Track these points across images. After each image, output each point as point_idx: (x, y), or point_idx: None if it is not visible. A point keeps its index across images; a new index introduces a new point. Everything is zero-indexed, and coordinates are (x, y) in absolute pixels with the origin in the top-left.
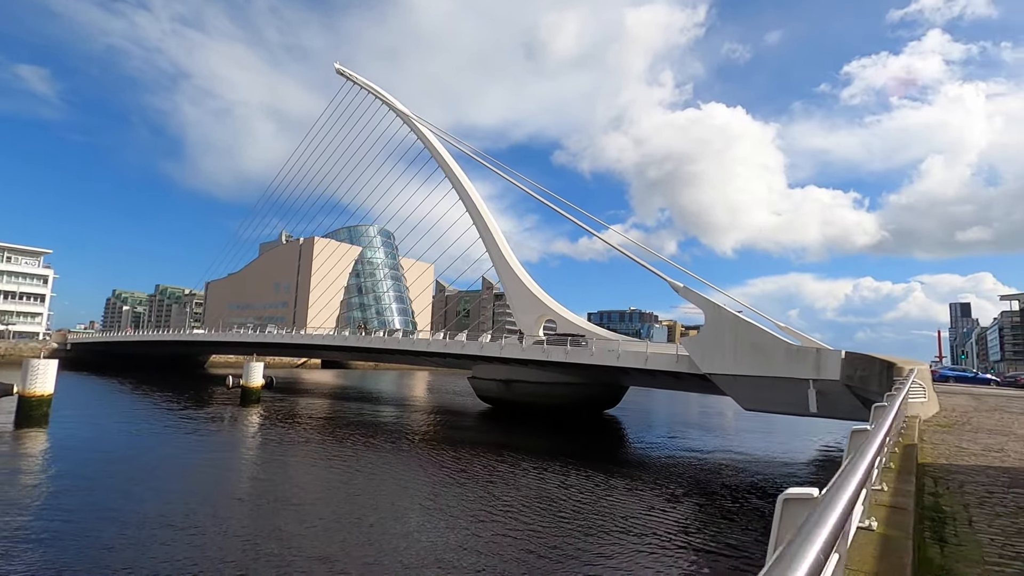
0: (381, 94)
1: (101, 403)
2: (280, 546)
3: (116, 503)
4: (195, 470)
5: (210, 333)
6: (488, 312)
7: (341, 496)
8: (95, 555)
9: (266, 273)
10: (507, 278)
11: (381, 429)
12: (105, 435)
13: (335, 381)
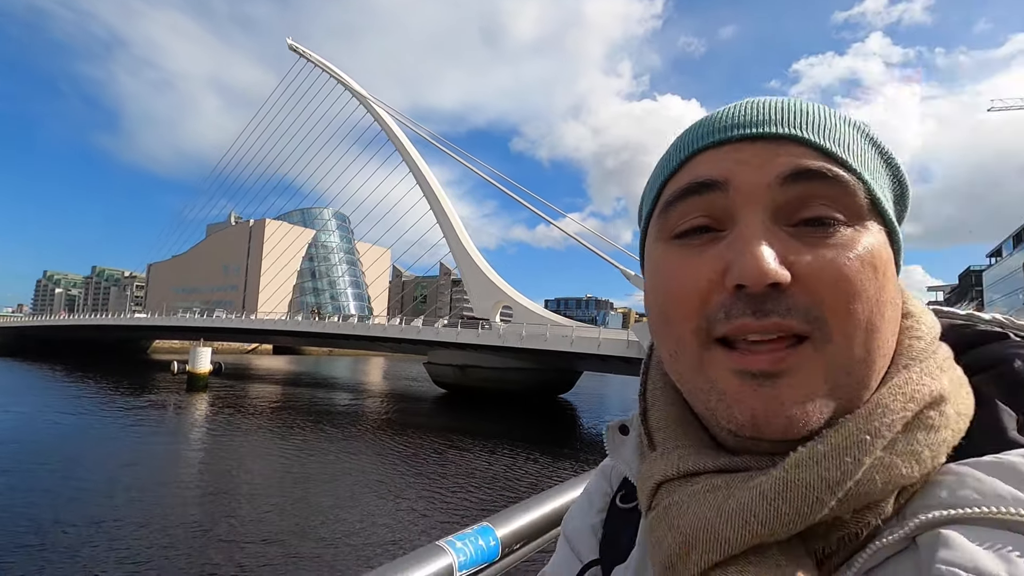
0: (336, 73)
1: (32, 390)
2: (230, 532)
3: (47, 496)
4: (136, 459)
5: (153, 317)
6: (445, 298)
7: (293, 482)
8: (24, 553)
9: (214, 255)
10: (464, 264)
11: (335, 415)
12: (34, 424)
13: (288, 367)
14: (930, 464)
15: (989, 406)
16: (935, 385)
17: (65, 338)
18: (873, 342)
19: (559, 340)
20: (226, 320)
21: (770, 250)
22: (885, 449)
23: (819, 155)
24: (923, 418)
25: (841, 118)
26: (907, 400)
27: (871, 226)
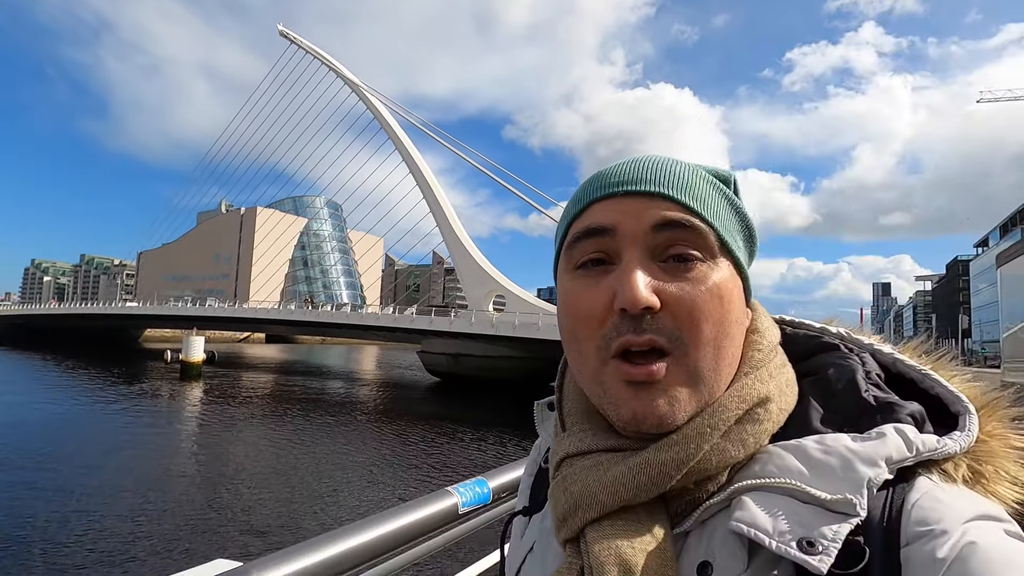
0: (328, 60)
1: (29, 378)
2: (222, 519)
3: (43, 481)
4: (131, 446)
5: (146, 306)
6: (438, 286)
7: (289, 469)
8: (21, 536)
9: (205, 244)
10: (457, 253)
11: (330, 404)
12: (36, 411)
13: (281, 356)
14: (753, 447)
15: (806, 403)
16: (763, 388)
17: (56, 327)
18: (719, 356)
19: (551, 329)
20: (219, 309)
21: (644, 281)
22: (721, 437)
23: (680, 208)
24: (752, 414)
25: (701, 177)
26: (741, 400)
27: (721, 263)
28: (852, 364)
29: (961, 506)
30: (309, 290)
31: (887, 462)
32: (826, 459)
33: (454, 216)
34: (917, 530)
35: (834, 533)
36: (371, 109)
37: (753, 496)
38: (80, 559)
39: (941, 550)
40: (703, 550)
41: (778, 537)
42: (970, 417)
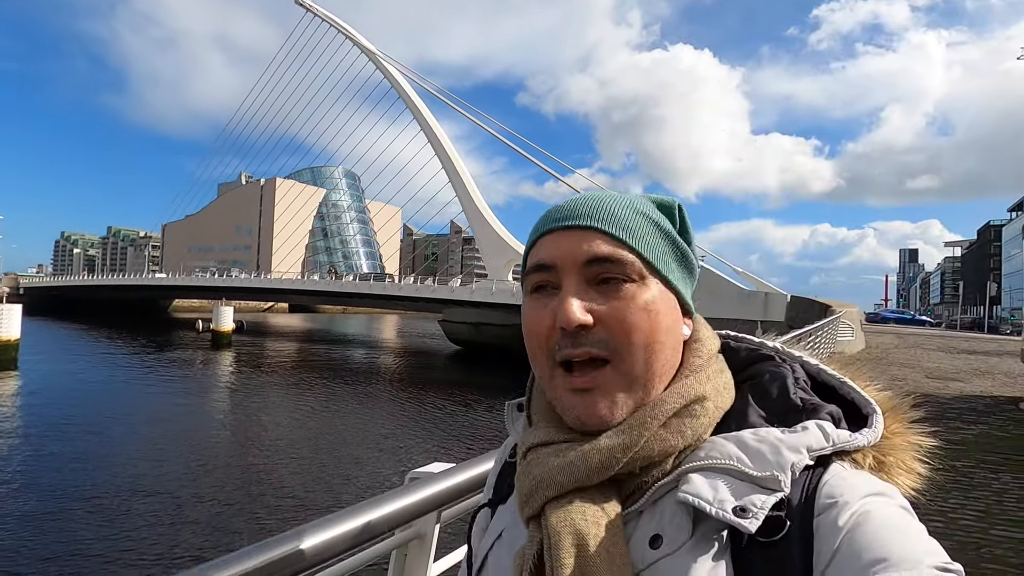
0: (344, 28)
1: (69, 348)
2: (256, 482)
3: (96, 442)
4: (174, 411)
5: (174, 277)
6: (457, 256)
7: (318, 437)
8: (76, 491)
9: (226, 215)
10: (476, 222)
11: (355, 371)
12: (79, 378)
13: (305, 325)
14: (691, 438)
15: (745, 403)
16: (700, 388)
17: (88, 298)
18: (651, 361)
19: None
20: (245, 280)
21: (578, 303)
22: (662, 428)
23: (609, 239)
24: (690, 409)
25: (632, 209)
26: (679, 397)
27: (650, 283)
28: (784, 371)
29: (862, 485)
30: (330, 260)
31: (808, 450)
32: (759, 446)
33: (473, 185)
34: (826, 502)
35: (763, 502)
36: (387, 77)
37: (700, 474)
38: (129, 525)
39: (842, 518)
40: (654, 525)
41: (717, 504)
42: (876, 417)
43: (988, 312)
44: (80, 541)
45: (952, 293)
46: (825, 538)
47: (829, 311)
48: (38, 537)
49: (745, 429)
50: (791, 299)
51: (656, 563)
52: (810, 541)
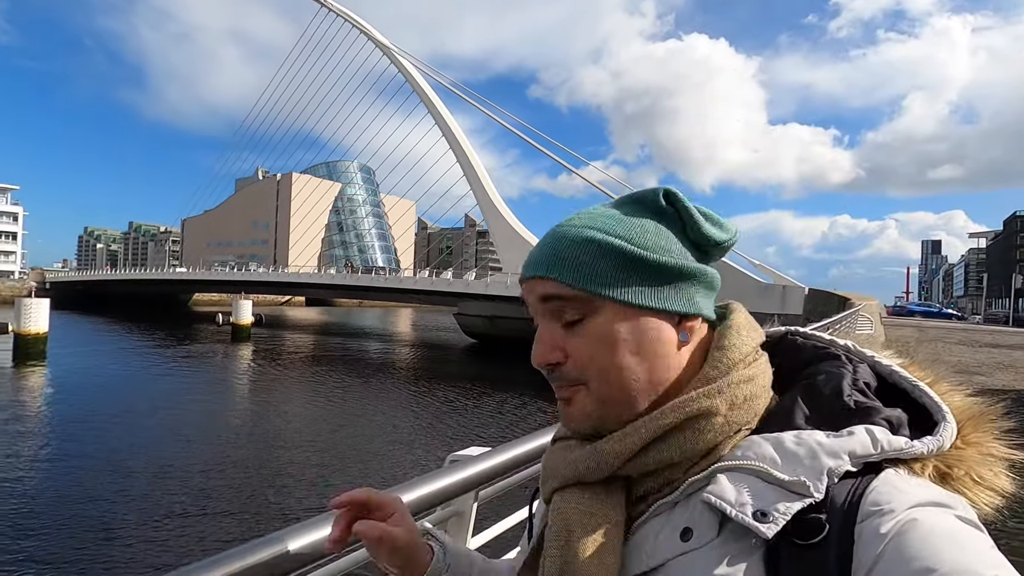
0: (358, 22)
1: (94, 341)
2: (277, 471)
3: (123, 431)
4: (198, 402)
5: (194, 272)
6: (471, 249)
7: (335, 430)
8: (104, 478)
9: (244, 210)
10: (491, 215)
11: (372, 364)
12: (105, 371)
13: (322, 318)
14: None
15: (793, 403)
16: (705, 404)
17: (112, 292)
18: (623, 383)
19: None
20: (263, 274)
21: (545, 346)
22: (659, 440)
23: (553, 283)
24: (693, 423)
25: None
26: (678, 412)
27: (603, 312)
28: (842, 372)
29: (915, 493)
30: (345, 254)
31: (850, 456)
32: (796, 450)
33: (487, 179)
34: (871, 509)
35: (786, 508)
36: (401, 71)
37: (727, 475)
38: (163, 509)
39: (885, 526)
40: (686, 518)
41: (738, 507)
42: (945, 425)
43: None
44: (109, 526)
45: (976, 285)
46: (867, 545)
47: (848, 304)
48: (68, 521)
49: (788, 431)
50: (809, 292)
51: (684, 555)
52: (850, 548)
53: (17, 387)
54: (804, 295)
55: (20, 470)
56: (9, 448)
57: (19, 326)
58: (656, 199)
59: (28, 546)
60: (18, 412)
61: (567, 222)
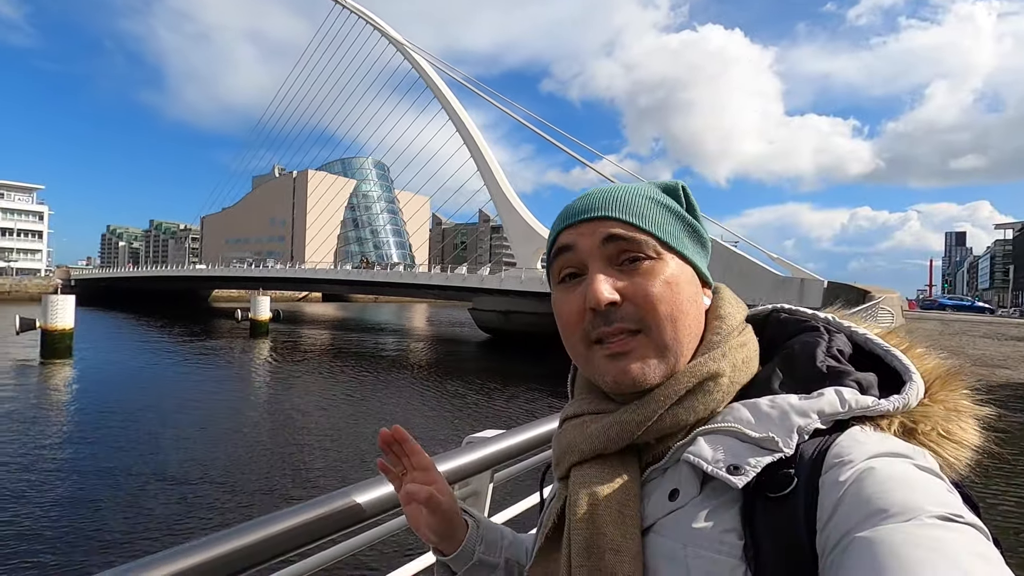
0: (372, 19)
1: (118, 336)
2: (302, 457)
3: (150, 423)
4: (219, 396)
5: (213, 268)
6: (485, 244)
7: (353, 422)
8: (131, 467)
9: (261, 207)
10: (504, 210)
11: (387, 359)
12: (129, 366)
13: (338, 314)
14: (703, 412)
15: (771, 371)
16: (714, 366)
17: (134, 289)
18: (678, 329)
19: None
20: (280, 270)
21: (605, 284)
22: (674, 404)
23: (621, 224)
24: (703, 386)
25: (641, 195)
26: (692, 376)
27: (667, 258)
28: (817, 341)
29: (874, 445)
30: (361, 250)
31: (819, 414)
32: (770, 411)
33: (501, 174)
34: (833, 462)
35: (756, 462)
36: (415, 67)
37: (707, 437)
38: (190, 497)
39: (844, 475)
40: (674, 481)
41: (713, 463)
42: (911, 384)
43: None
44: (138, 516)
45: (1003, 278)
46: (827, 494)
47: (868, 297)
48: (97, 510)
49: (765, 396)
50: (828, 285)
51: (672, 513)
52: (815, 498)
53: (45, 382)
54: (823, 288)
55: (51, 461)
56: (39, 441)
57: (46, 322)
58: (676, 187)
59: (58, 531)
60: (47, 406)
61: (608, 186)
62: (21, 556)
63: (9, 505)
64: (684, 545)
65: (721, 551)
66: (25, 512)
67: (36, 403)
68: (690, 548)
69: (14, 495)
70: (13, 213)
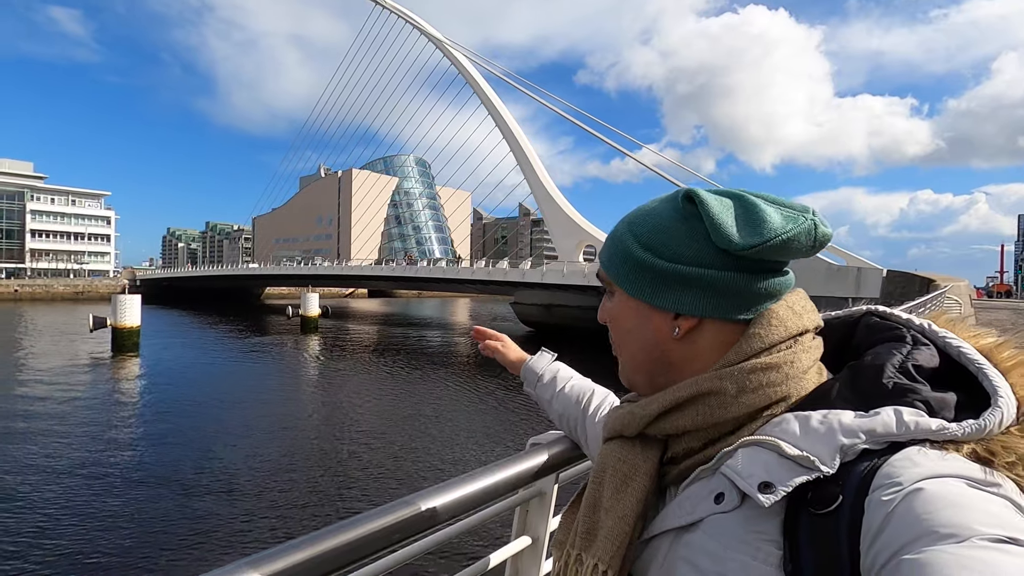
0: (412, 18)
1: (180, 333)
2: (349, 458)
3: (214, 413)
4: (275, 391)
5: (265, 267)
6: (526, 238)
7: (401, 419)
8: (196, 458)
9: (308, 207)
10: (545, 204)
11: (432, 353)
12: (191, 360)
13: (383, 309)
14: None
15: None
16: (710, 385)
17: (193, 287)
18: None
19: None
20: (327, 268)
21: (600, 311)
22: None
23: (600, 268)
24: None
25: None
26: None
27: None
28: (892, 354)
29: (928, 466)
30: (404, 247)
31: (868, 435)
32: (819, 427)
33: (541, 167)
34: (882, 481)
35: (789, 481)
36: (454, 63)
37: (747, 448)
38: (258, 494)
39: (891, 496)
40: (721, 484)
41: (746, 478)
42: (993, 411)
43: None
44: (205, 511)
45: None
46: (873, 514)
47: (933, 286)
48: (161, 500)
49: (820, 410)
50: (887, 274)
51: (716, 515)
52: (859, 517)
53: (117, 376)
54: (882, 277)
55: (122, 450)
56: (111, 431)
57: (115, 320)
58: (676, 201)
59: (125, 512)
60: (119, 399)
61: (624, 217)
62: (107, 533)
63: (94, 484)
64: (724, 548)
65: (758, 558)
66: (114, 492)
67: (109, 396)
68: (729, 552)
69: (97, 476)
70: (84, 218)
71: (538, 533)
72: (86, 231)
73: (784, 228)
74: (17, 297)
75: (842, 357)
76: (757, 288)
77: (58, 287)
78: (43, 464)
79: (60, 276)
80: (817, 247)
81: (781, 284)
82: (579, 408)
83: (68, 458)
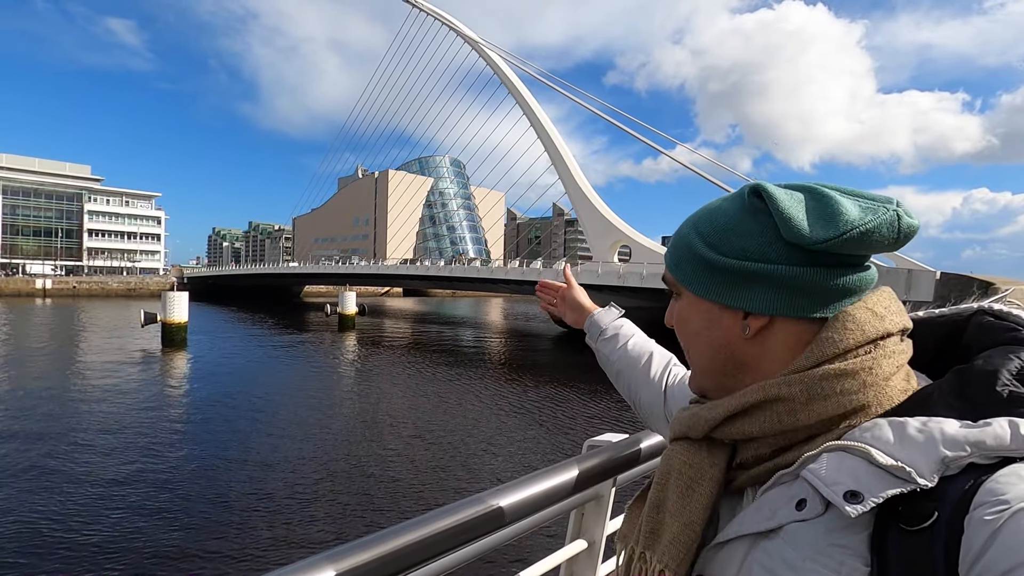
0: (446, 19)
1: (225, 329)
2: (382, 458)
3: (257, 406)
4: (315, 387)
5: (304, 266)
6: (560, 238)
7: (437, 420)
8: (239, 447)
9: (346, 207)
10: (580, 203)
11: (466, 353)
12: (235, 356)
13: (418, 308)
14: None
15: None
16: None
17: (237, 285)
18: (691, 356)
19: None
20: (364, 267)
21: (667, 313)
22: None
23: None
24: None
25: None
26: (756, 393)
27: (685, 298)
28: (1008, 359)
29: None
30: (438, 246)
31: (976, 447)
32: (917, 436)
33: (576, 167)
34: (985, 498)
35: (880, 492)
36: (490, 64)
37: (833, 453)
38: (303, 490)
39: (995, 514)
40: (803, 490)
41: (830, 486)
42: None
43: None
44: (250, 506)
45: None
46: (974, 534)
47: (992, 290)
48: (209, 492)
49: (919, 416)
50: (941, 276)
51: (797, 523)
52: (958, 537)
53: (167, 370)
54: (935, 279)
55: (170, 440)
56: (161, 423)
57: (165, 316)
58: (743, 197)
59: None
60: (170, 392)
61: (689, 217)
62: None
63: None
64: (804, 559)
65: (841, 573)
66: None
67: (160, 389)
68: (809, 563)
69: (150, 469)
70: (137, 218)
71: (594, 537)
72: (138, 230)
73: (862, 220)
74: (75, 293)
75: (946, 359)
76: (832, 284)
77: (112, 284)
78: (101, 445)
79: (114, 273)
80: (902, 240)
81: (861, 280)
82: (637, 367)
83: (122, 445)
